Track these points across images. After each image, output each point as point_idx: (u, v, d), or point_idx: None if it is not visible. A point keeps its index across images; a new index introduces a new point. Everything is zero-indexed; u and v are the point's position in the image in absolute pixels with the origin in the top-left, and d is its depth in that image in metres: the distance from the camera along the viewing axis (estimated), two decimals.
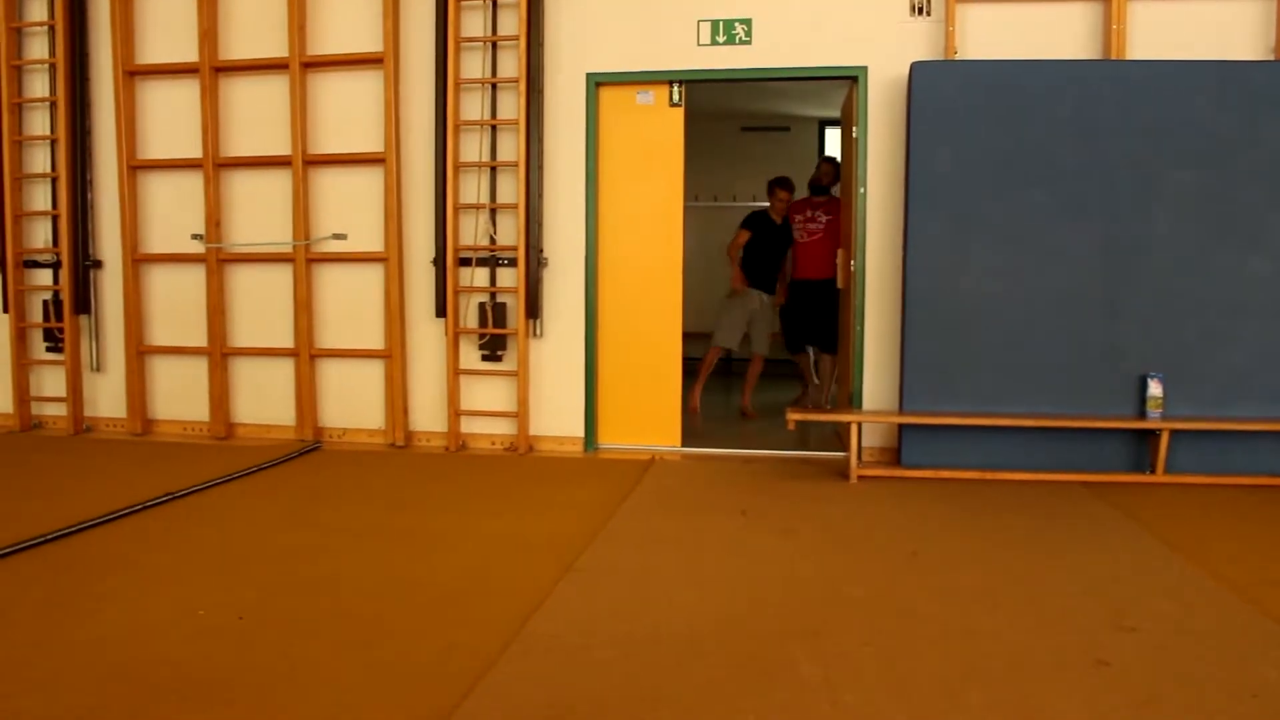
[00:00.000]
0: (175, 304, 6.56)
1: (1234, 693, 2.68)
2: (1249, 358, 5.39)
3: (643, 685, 2.71)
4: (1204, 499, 5.02)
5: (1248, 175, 5.35)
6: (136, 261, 6.50)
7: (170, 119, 6.47)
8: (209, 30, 6.27)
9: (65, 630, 3.10)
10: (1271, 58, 5.56)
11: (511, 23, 6.05)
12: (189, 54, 6.33)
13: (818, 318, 7.45)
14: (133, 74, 6.43)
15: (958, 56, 5.67)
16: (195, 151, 6.36)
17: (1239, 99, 5.34)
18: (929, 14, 5.78)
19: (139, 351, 6.54)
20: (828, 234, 7.35)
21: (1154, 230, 5.40)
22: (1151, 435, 5.35)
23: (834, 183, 7.45)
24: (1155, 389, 5.32)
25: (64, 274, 6.56)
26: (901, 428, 5.67)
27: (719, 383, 7.34)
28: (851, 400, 6.03)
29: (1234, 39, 5.59)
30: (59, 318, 6.62)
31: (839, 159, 7.27)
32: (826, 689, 2.69)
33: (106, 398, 6.71)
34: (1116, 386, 5.42)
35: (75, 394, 6.61)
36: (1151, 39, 5.58)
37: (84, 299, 6.62)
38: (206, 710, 2.54)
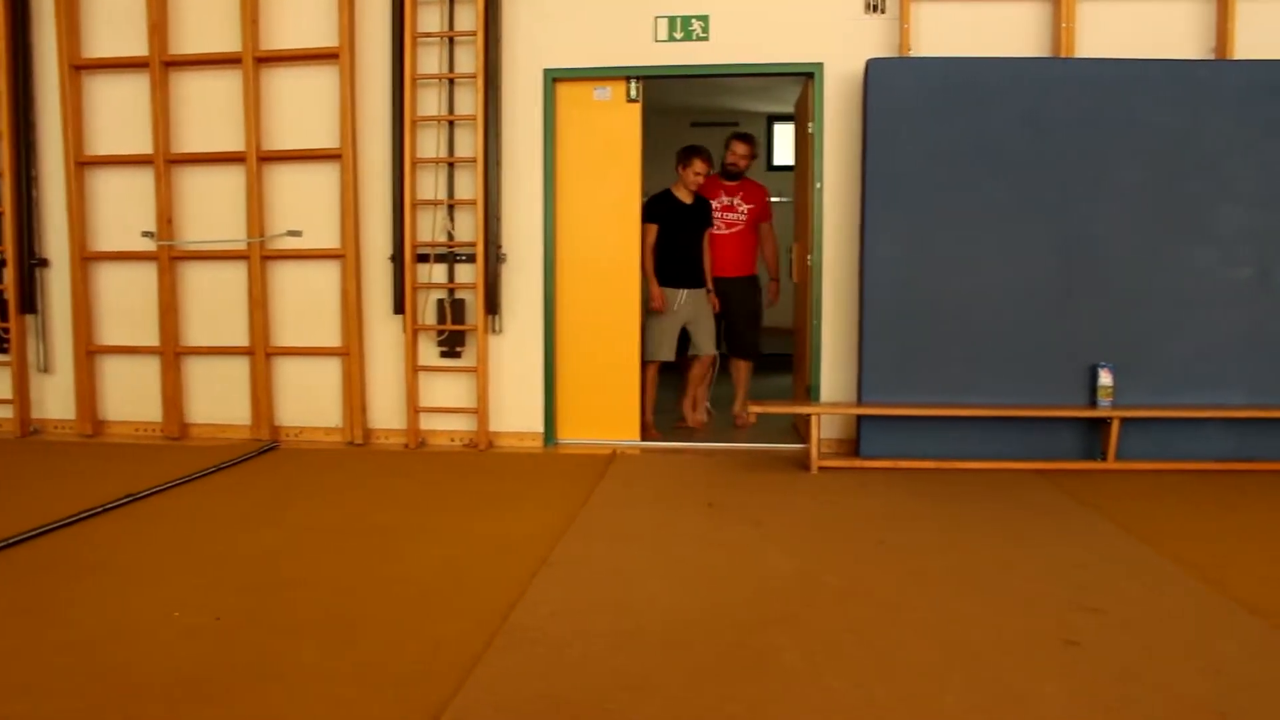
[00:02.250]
0: (126, 303, 6.45)
1: (1199, 667, 2.77)
2: (1195, 347, 5.54)
3: (632, 676, 2.73)
4: (1154, 484, 5.16)
5: (1192, 170, 5.50)
6: (85, 260, 6.38)
7: (119, 114, 6.36)
8: (158, 23, 6.16)
9: (41, 634, 3.05)
10: (1212, 57, 5.72)
11: (469, 18, 6.03)
12: (138, 48, 6.22)
13: (738, 321, 6.91)
14: (79, 68, 6.30)
15: (912, 53, 5.76)
16: (146, 147, 6.26)
17: (1183, 96, 5.48)
18: (883, 11, 5.86)
19: (88, 351, 6.43)
20: (749, 226, 6.85)
21: (1104, 224, 5.53)
22: (1103, 423, 5.49)
23: (750, 166, 6.88)
24: (1106, 378, 5.45)
25: (9, 273, 6.42)
26: (860, 419, 5.75)
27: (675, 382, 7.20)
28: (810, 393, 6.10)
29: (1177, 38, 5.75)
30: (4, 318, 6.47)
31: (753, 135, 7.01)
32: (812, 675, 2.73)
33: (55, 399, 6.59)
34: (1069, 376, 5.55)
35: (22, 395, 6.48)
36: (1099, 37, 5.71)
37: (30, 298, 6.48)
38: (198, 711, 2.52)
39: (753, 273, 6.92)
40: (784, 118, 10.29)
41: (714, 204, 6.72)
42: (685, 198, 6.52)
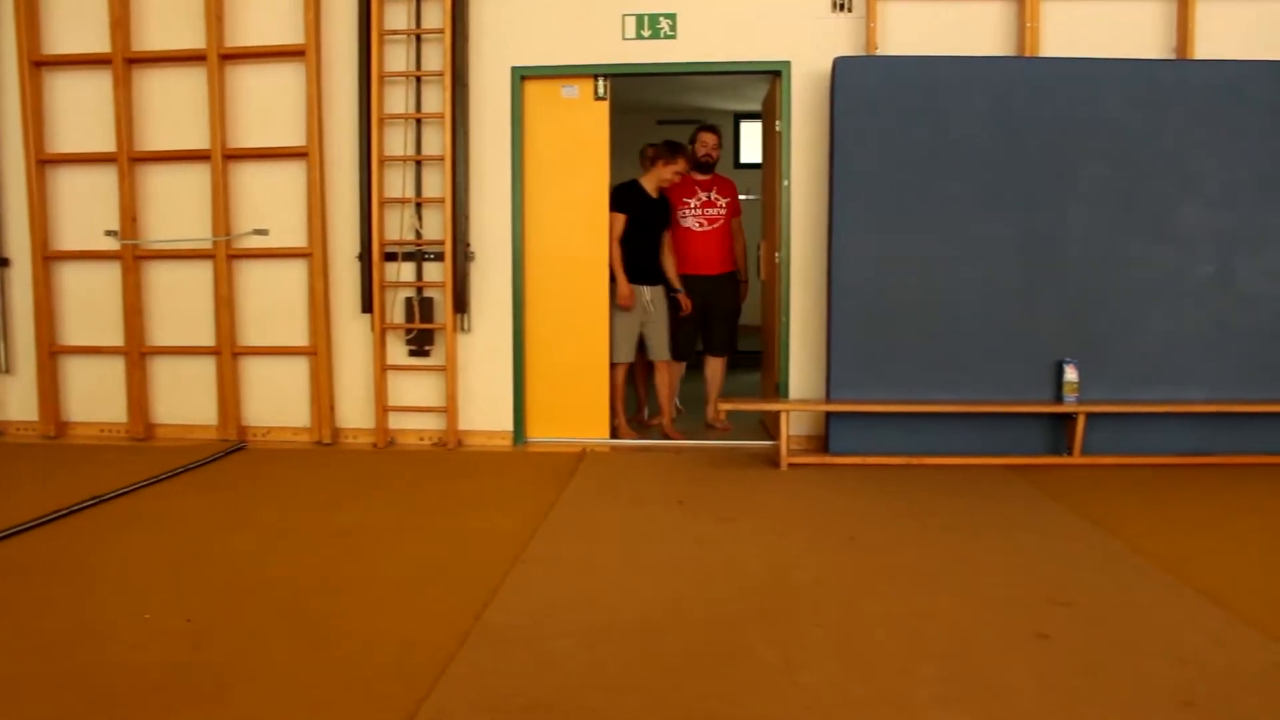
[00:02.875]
0: (90, 302, 6.38)
1: (1166, 658, 2.81)
2: (1157, 343, 5.61)
3: (607, 673, 2.74)
4: (1119, 478, 5.22)
5: (1155, 168, 5.56)
6: (47, 259, 6.31)
7: (81, 111, 6.28)
8: (120, 19, 6.09)
9: (11, 638, 3.02)
10: (1174, 56, 5.79)
11: (436, 16, 6.01)
12: (100, 44, 6.15)
13: (718, 318, 6.77)
14: (40, 64, 6.22)
15: (879, 52, 5.80)
16: (109, 145, 6.19)
17: (1146, 95, 5.55)
18: (850, 10, 5.90)
19: (51, 352, 6.35)
20: (728, 221, 6.73)
21: (1069, 222, 5.58)
22: (1068, 419, 5.55)
23: (719, 158, 6.77)
24: (1071, 374, 5.51)
25: None
26: (829, 416, 5.78)
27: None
28: (779, 390, 6.13)
29: (1139, 38, 5.82)
30: None
31: (719, 127, 6.97)
32: (786, 670, 2.75)
33: (17, 400, 6.50)
34: (1035, 372, 5.61)
35: None
36: (1063, 37, 5.78)
37: None
38: (170, 714, 2.50)
39: (734, 269, 6.83)
40: (751, 116, 10.32)
41: (693, 200, 6.60)
42: (653, 192, 6.36)
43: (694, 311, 6.59)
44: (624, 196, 6.31)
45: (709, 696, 2.59)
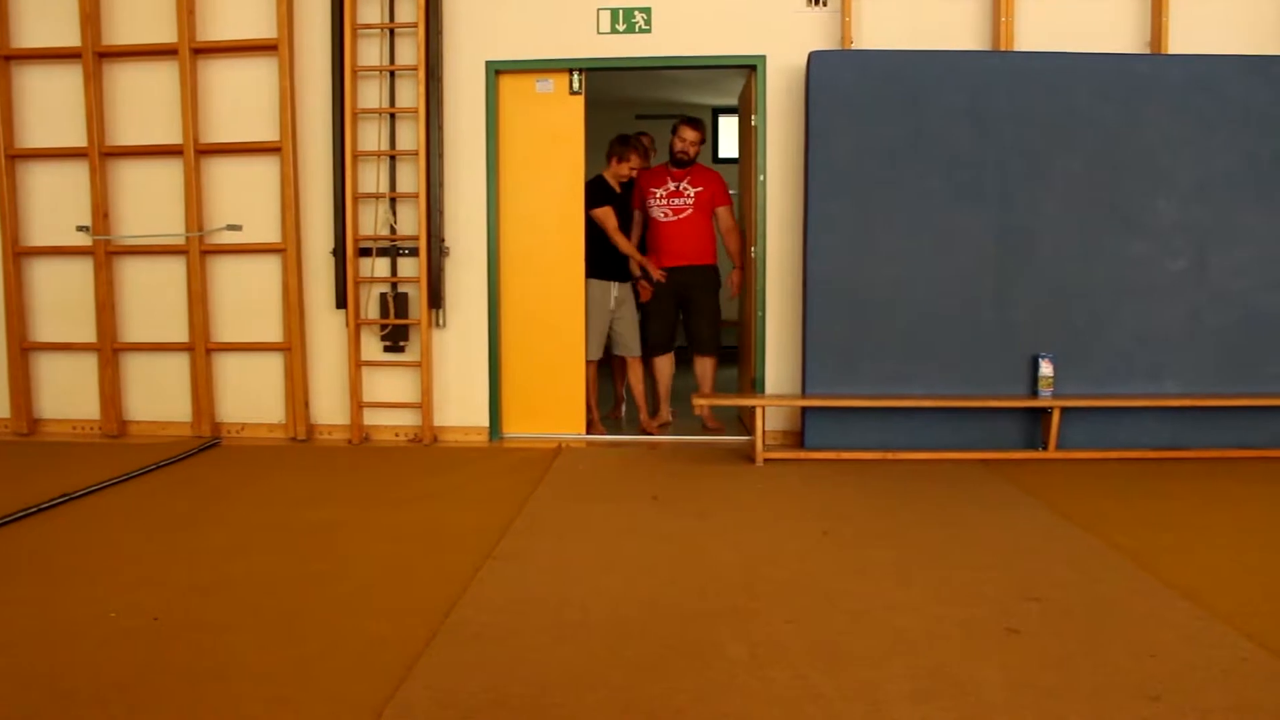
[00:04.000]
0: (61, 299, 6.32)
1: (1135, 653, 2.81)
2: (1131, 338, 5.63)
3: (575, 669, 2.72)
4: (1094, 472, 5.24)
5: (1130, 163, 5.58)
6: (18, 255, 6.24)
7: (52, 106, 6.22)
8: (91, 13, 6.03)
9: None
10: (1148, 51, 5.80)
11: (409, 10, 5.97)
12: (70, 38, 6.09)
13: (693, 314, 6.53)
14: (8, 58, 6.16)
15: (854, 46, 5.80)
16: (80, 140, 6.13)
17: (1121, 90, 5.56)
18: (826, 4, 5.90)
19: (23, 349, 6.30)
20: (699, 210, 6.41)
21: (1043, 216, 5.60)
22: (1044, 413, 5.56)
23: (699, 152, 6.51)
24: (1046, 369, 5.52)
25: None
26: (804, 411, 5.78)
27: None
28: (755, 385, 6.12)
29: (1115, 33, 5.84)
30: None
31: (702, 121, 6.63)
32: (755, 666, 2.74)
33: None
34: (1010, 367, 5.61)
35: None
36: (1038, 32, 5.80)
37: None
38: (131, 715, 2.47)
39: (709, 261, 6.51)
40: (729, 110, 10.31)
41: (659, 190, 6.43)
42: (616, 187, 6.37)
43: (670, 304, 6.50)
44: (597, 191, 6.29)
45: (675, 693, 2.57)
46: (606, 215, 6.27)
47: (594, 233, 6.27)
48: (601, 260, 6.33)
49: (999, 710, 2.47)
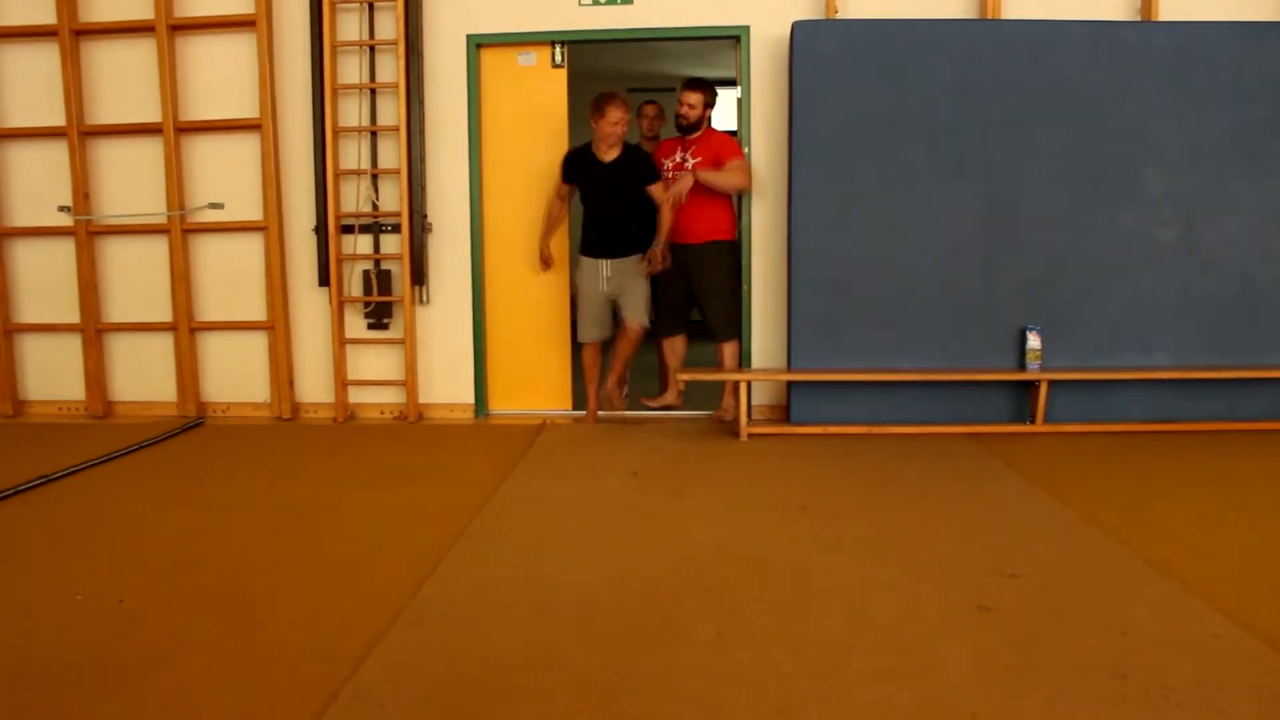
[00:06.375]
0: (44, 280, 6.28)
1: (1107, 630, 2.78)
2: (1120, 310, 5.57)
3: (536, 650, 2.69)
4: (1080, 446, 5.20)
5: (1118, 133, 5.50)
6: None
7: (29, 84, 6.15)
8: None
9: None
10: (1138, 17, 5.71)
11: None
12: (46, 15, 6.00)
13: (701, 296, 5.91)
14: None
15: (839, 16, 5.71)
16: (59, 119, 6.07)
17: (1109, 58, 5.48)
18: None
19: (6, 330, 6.26)
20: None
21: (1031, 187, 5.53)
22: (1031, 386, 5.51)
23: (708, 111, 5.80)
24: (1034, 341, 5.47)
25: None
26: (790, 385, 5.73)
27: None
28: (740, 359, 6.07)
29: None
30: None
31: (708, 82, 5.82)
32: (720, 646, 2.71)
33: None
34: (998, 340, 5.56)
35: None
36: None
37: None
38: (87, 697, 2.45)
39: (720, 237, 5.81)
40: (728, 82, 10.16)
41: (667, 162, 5.81)
42: (604, 155, 5.70)
43: (677, 285, 5.90)
44: (566, 162, 5.81)
45: (636, 673, 2.54)
46: (555, 188, 5.88)
47: (588, 210, 5.82)
48: (591, 237, 5.82)
49: (960, 688, 2.44)
